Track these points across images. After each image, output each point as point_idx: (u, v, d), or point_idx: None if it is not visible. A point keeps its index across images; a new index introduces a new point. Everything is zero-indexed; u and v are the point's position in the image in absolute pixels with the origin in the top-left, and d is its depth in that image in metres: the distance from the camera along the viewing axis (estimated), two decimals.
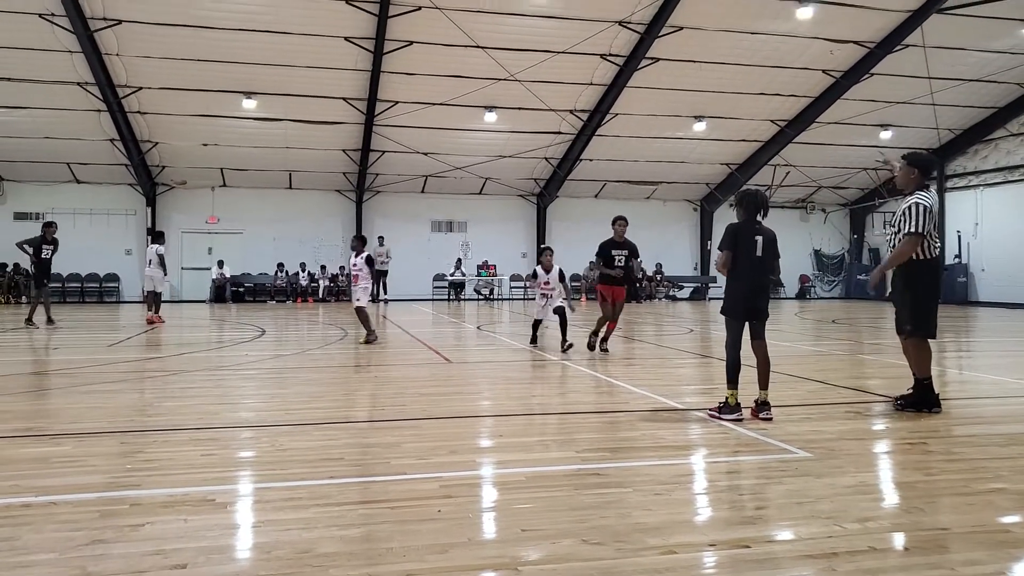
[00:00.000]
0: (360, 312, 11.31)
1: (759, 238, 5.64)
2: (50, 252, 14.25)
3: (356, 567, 2.86)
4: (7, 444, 4.87)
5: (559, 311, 10.17)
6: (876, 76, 20.90)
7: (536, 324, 10.88)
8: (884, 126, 23.85)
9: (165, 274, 15.64)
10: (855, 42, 19.74)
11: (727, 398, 5.63)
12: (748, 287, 5.65)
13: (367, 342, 10.96)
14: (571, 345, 9.87)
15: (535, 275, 10.60)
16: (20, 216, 23.90)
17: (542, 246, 11.66)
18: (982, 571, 2.89)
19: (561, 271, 10.44)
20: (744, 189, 5.95)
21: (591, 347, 9.91)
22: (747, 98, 22.06)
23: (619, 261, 9.75)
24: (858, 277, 28.83)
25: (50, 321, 14.03)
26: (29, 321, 13.91)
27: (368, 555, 3.00)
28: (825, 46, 19.76)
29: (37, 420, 5.67)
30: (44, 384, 7.39)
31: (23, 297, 23.40)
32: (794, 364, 9.12)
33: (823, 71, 20.97)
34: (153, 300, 15.44)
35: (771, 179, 26.77)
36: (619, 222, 9.98)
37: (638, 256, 10.14)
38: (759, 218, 5.73)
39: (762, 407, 5.62)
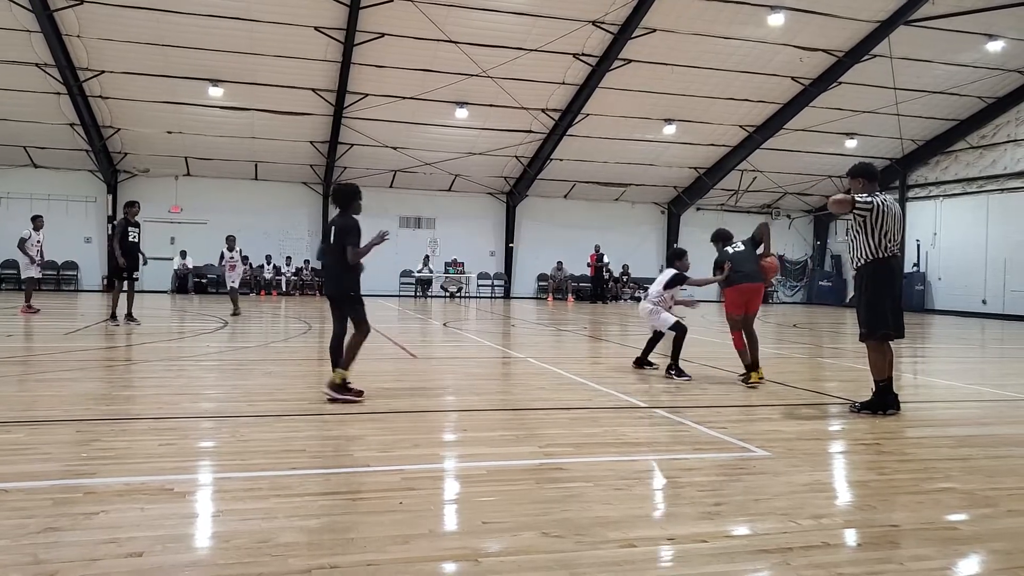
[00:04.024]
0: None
1: (333, 227, 6.15)
2: (136, 235, 12.70)
3: (316, 557, 2.85)
4: None
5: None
6: (844, 85, 21.30)
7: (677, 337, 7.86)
8: (850, 134, 24.34)
9: (32, 261, 14.12)
10: (824, 50, 20.10)
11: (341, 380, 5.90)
12: (324, 273, 6.17)
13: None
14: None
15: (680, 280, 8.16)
16: None
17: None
18: (929, 566, 2.98)
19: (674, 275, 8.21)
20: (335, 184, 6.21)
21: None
22: (717, 103, 22.33)
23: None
24: (820, 283, 29.42)
25: (130, 316, 12.36)
26: (113, 317, 12.28)
27: (329, 545, 2.98)
28: (795, 53, 20.08)
29: None
30: None
31: None
32: None
33: (792, 78, 21.31)
34: (26, 288, 14.38)
35: (738, 184, 27.14)
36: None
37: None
38: (345, 210, 6.23)
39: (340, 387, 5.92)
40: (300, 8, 17.64)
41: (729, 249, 7.88)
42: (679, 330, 7.81)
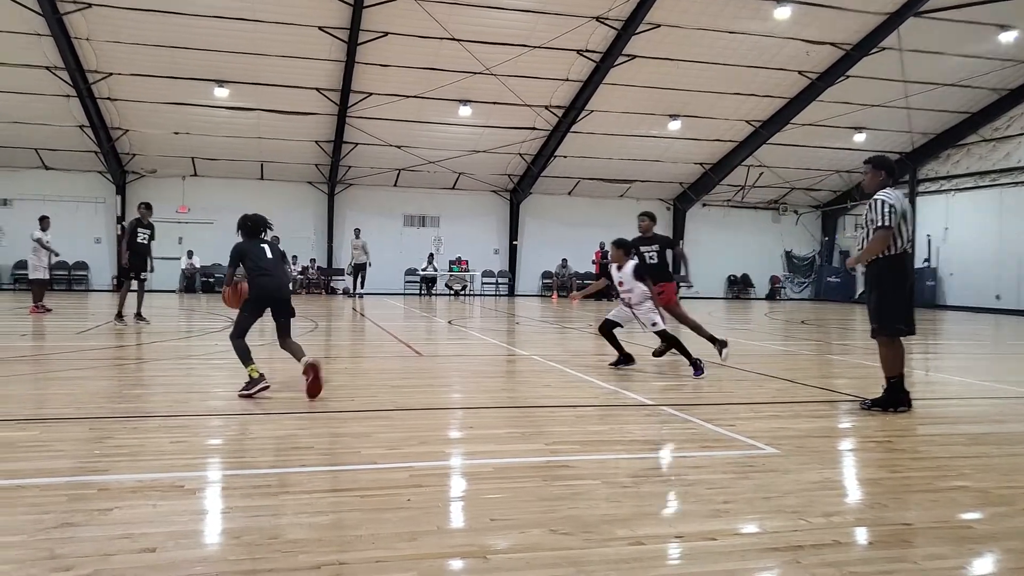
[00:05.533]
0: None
1: (265, 246, 6.37)
2: (146, 237, 12.63)
3: (325, 553, 2.85)
4: None
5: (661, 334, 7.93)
6: (852, 79, 21.16)
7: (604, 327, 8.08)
8: (858, 128, 24.20)
9: (46, 263, 14.28)
10: (832, 44, 19.99)
11: (250, 374, 5.93)
12: (273, 288, 6.31)
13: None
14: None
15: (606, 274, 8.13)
16: None
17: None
18: (944, 565, 2.95)
19: (637, 267, 8.06)
20: (244, 216, 6.51)
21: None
22: (723, 98, 22.25)
23: (650, 257, 8.83)
24: (828, 279, 29.26)
25: (139, 316, 12.36)
26: (120, 316, 12.20)
27: (337, 542, 2.99)
28: (802, 47, 19.98)
29: (2, 405, 5.55)
30: (9, 371, 7.23)
31: None
32: (762, 363, 9.26)
33: (799, 72, 21.21)
34: (35, 288, 14.43)
35: (744, 180, 27.04)
36: (641, 217, 9.16)
37: (674, 247, 8.73)
38: (263, 235, 6.47)
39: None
40: (304, 8, 17.68)
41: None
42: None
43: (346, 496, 3.60)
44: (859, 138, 24.53)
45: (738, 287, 29.71)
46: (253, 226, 6.43)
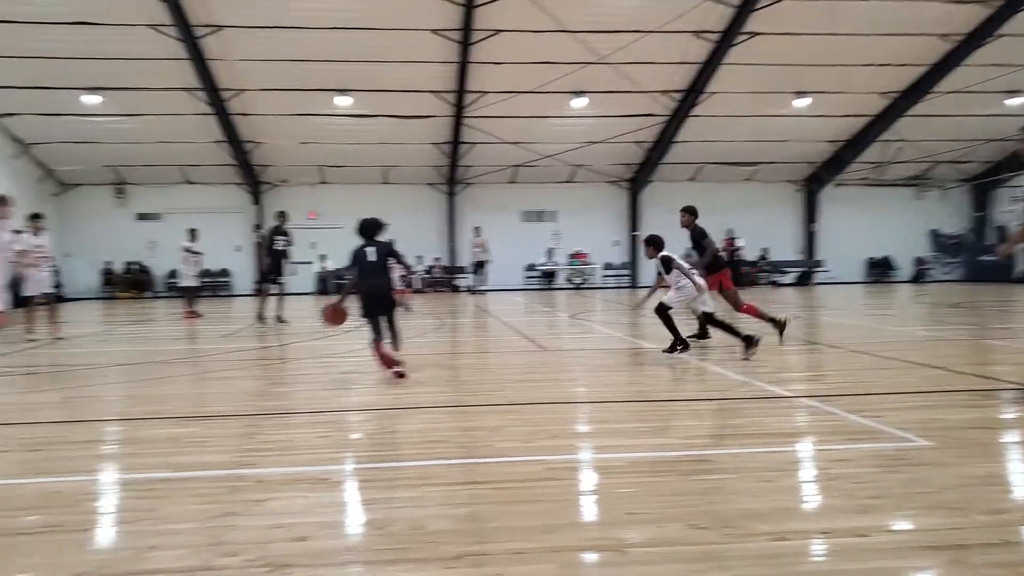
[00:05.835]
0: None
1: (370, 249, 6.89)
2: (283, 244, 13.33)
3: (467, 544, 2.95)
4: (142, 425, 5.28)
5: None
6: (1003, 38, 19.26)
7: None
8: (1012, 92, 21.99)
9: (193, 270, 15.13)
10: (977, 2, 18.27)
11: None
12: (369, 290, 6.85)
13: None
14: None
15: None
16: (142, 216, 25.79)
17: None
18: None
19: (665, 258, 8.54)
20: (359, 220, 7.14)
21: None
22: (853, 70, 20.86)
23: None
24: (981, 258, 26.80)
25: (280, 318, 13.12)
26: (261, 318, 13.11)
27: (477, 533, 3.08)
28: (941, 8, 18.40)
29: (166, 404, 6.11)
30: (168, 372, 7.93)
31: (147, 292, 25.19)
32: (909, 349, 8.64)
33: (940, 36, 19.54)
34: (187, 295, 15.36)
35: (881, 156, 25.29)
36: (681, 213, 10.26)
37: (704, 238, 9.89)
38: (374, 238, 7.03)
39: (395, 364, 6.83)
40: (418, 13, 18.15)
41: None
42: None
43: (482, 488, 3.69)
44: (1014, 102, 22.30)
45: (879, 270, 27.89)
46: (364, 229, 7.09)
